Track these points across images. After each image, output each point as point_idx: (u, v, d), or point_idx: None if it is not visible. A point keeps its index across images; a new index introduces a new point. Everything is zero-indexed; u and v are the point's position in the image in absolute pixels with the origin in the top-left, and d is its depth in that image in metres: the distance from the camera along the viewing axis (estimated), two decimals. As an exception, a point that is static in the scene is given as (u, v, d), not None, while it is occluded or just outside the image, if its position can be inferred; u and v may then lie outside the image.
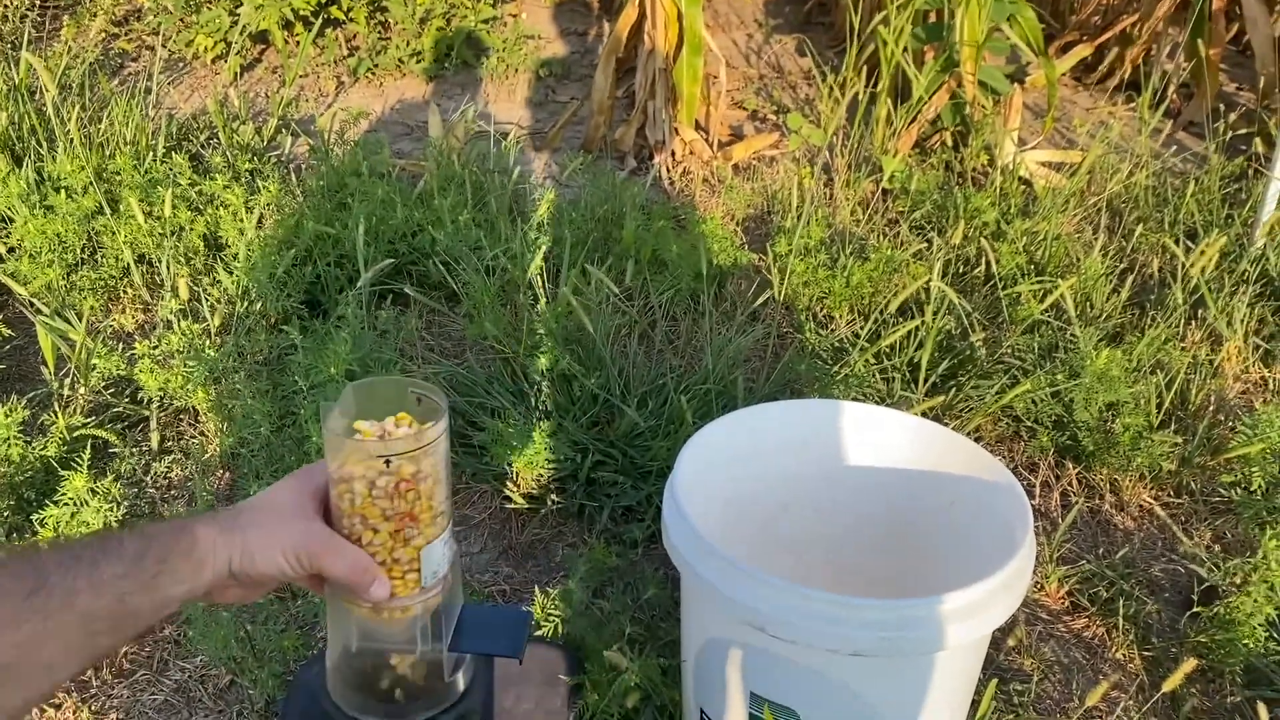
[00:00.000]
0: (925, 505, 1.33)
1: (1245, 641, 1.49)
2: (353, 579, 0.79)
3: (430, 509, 0.82)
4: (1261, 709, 1.26)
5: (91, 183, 2.43)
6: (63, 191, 2.44)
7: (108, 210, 2.39)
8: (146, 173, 2.57)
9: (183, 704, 1.51)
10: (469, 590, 1.66)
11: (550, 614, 1.52)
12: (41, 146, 2.65)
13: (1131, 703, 1.52)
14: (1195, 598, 1.64)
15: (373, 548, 0.81)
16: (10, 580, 0.62)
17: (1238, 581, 1.55)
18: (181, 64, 3.83)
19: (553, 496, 1.82)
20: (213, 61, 3.82)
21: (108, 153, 2.66)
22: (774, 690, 1.14)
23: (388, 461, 0.78)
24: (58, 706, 1.48)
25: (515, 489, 1.83)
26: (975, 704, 1.33)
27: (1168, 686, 1.25)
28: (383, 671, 0.89)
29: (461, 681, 0.92)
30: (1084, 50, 3.55)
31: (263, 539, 0.74)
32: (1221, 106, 3.13)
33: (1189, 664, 1.25)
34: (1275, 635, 1.53)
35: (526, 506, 1.83)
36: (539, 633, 1.51)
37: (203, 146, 2.91)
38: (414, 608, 0.85)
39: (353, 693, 0.89)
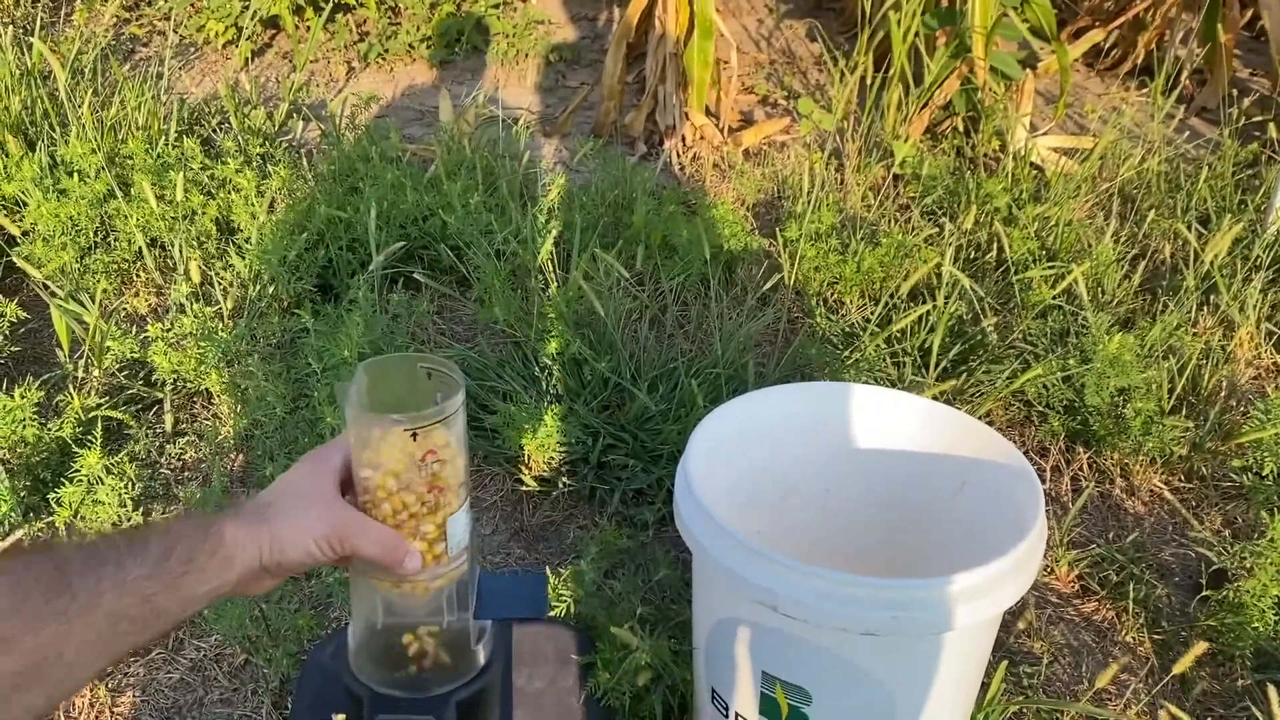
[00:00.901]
0: (936, 488, 1.33)
1: (1254, 625, 1.49)
2: (386, 558, 0.79)
3: (455, 479, 0.84)
4: (1271, 692, 1.27)
5: (103, 167, 2.44)
6: (75, 175, 2.45)
7: (119, 194, 2.40)
8: (159, 157, 2.58)
9: (198, 682, 1.52)
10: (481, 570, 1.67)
11: (562, 595, 1.53)
12: (55, 131, 2.66)
13: (1141, 685, 1.53)
14: (1204, 581, 1.65)
15: (401, 522, 0.82)
16: (33, 582, 0.61)
17: (1247, 565, 1.55)
18: (193, 49, 3.84)
19: (564, 479, 1.83)
20: (224, 47, 3.82)
21: (120, 137, 2.67)
22: (786, 669, 1.14)
23: (415, 435, 0.79)
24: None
25: (527, 472, 1.84)
26: (985, 685, 1.34)
27: (1178, 669, 1.26)
28: (409, 645, 0.90)
29: (483, 654, 0.93)
30: (1097, 35, 3.53)
31: (292, 529, 0.74)
32: (1235, 92, 3.12)
33: (1199, 647, 1.26)
34: (1285, 619, 1.54)
35: (538, 489, 1.84)
36: (551, 613, 1.52)
37: (214, 131, 2.92)
38: (441, 579, 0.87)
39: (378, 668, 0.90)
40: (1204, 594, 1.62)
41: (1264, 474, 1.76)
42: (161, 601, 0.67)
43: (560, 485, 1.83)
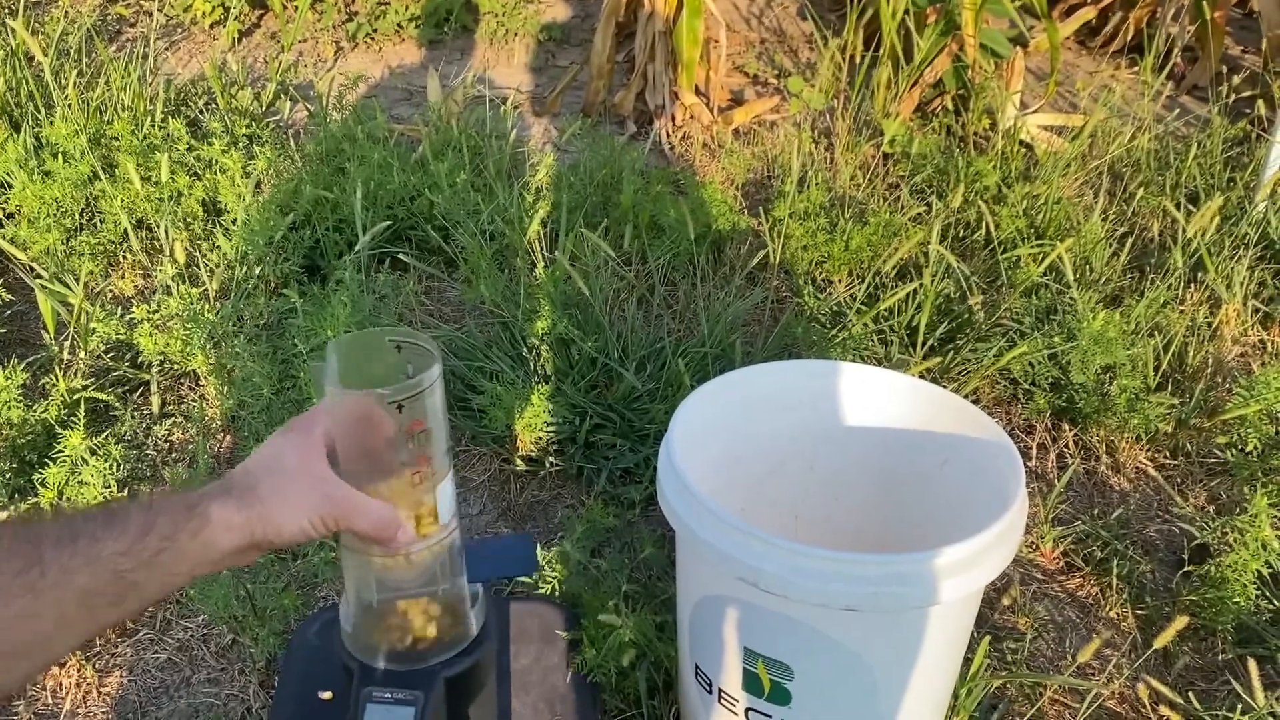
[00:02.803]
0: (919, 463, 1.33)
1: (1236, 599, 1.50)
2: (380, 534, 0.79)
3: (440, 448, 0.84)
4: (1252, 665, 1.28)
5: (88, 148, 2.43)
6: (60, 157, 2.43)
7: (104, 176, 2.39)
8: (144, 138, 2.56)
9: (185, 662, 1.52)
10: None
11: (548, 573, 1.53)
12: (40, 112, 2.65)
13: (1124, 660, 1.54)
14: (1186, 556, 1.66)
15: (391, 494, 0.82)
16: (3, 555, 0.61)
17: (1229, 540, 1.56)
18: (179, 29, 3.81)
19: (551, 459, 1.83)
20: (211, 27, 3.80)
21: (105, 118, 2.65)
22: (768, 645, 1.15)
23: (400, 407, 0.79)
24: (61, 665, 1.50)
25: (514, 452, 1.84)
26: (968, 661, 1.35)
27: (1159, 643, 1.27)
28: (403, 615, 0.90)
29: (475, 623, 0.93)
30: (1088, 13, 3.51)
31: (284, 508, 0.73)
32: (1225, 69, 3.11)
33: (1180, 621, 1.27)
34: (1266, 593, 1.55)
35: (525, 469, 1.84)
36: (537, 591, 1.52)
37: (201, 112, 2.90)
38: (434, 548, 0.87)
39: (373, 641, 0.90)
40: (1186, 569, 1.63)
41: (1248, 450, 1.77)
42: (138, 578, 0.66)
43: (548, 465, 1.83)
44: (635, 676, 1.37)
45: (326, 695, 1.25)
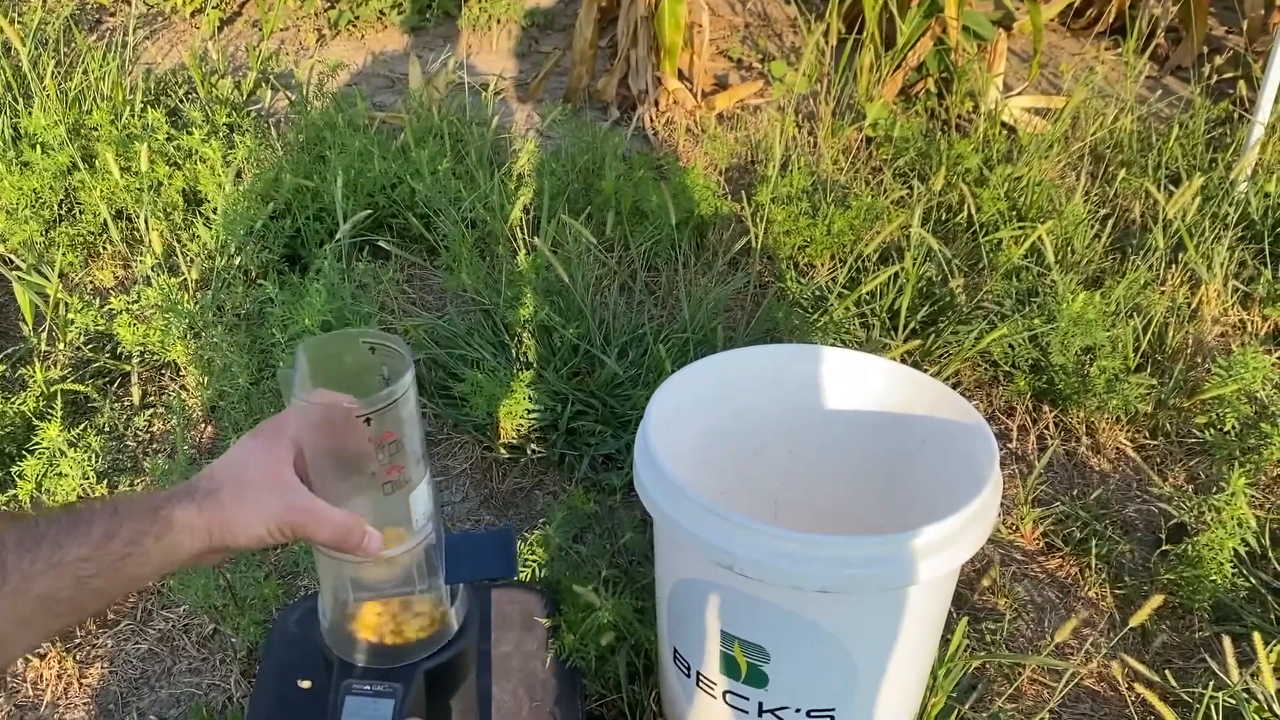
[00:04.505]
0: (897, 446, 1.34)
1: (1212, 578, 1.51)
2: (343, 543, 0.78)
3: (413, 456, 0.82)
4: (1227, 643, 1.29)
5: (66, 139, 2.41)
6: (39, 148, 2.42)
7: (83, 166, 2.37)
8: (123, 128, 2.55)
9: (166, 653, 1.52)
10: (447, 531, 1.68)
11: (529, 559, 1.54)
12: (18, 103, 2.63)
13: (1102, 639, 1.55)
14: (1164, 536, 1.67)
15: (361, 503, 0.80)
16: None
17: (1207, 519, 1.57)
18: (159, 18, 3.78)
19: (533, 446, 1.84)
20: (191, 15, 3.77)
21: (84, 108, 2.64)
22: (744, 628, 1.15)
23: (368, 420, 0.77)
24: (42, 656, 1.50)
25: (496, 439, 1.84)
26: (947, 641, 1.36)
27: (1134, 621, 1.28)
28: (379, 616, 0.90)
29: (457, 618, 0.93)
30: (1072, -6, 3.51)
31: (244, 514, 0.72)
32: (1207, 50, 3.11)
33: (1155, 600, 1.27)
34: (1243, 571, 1.56)
35: (507, 456, 1.84)
36: (520, 573, 1.52)
37: (181, 101, 2.88)
38: (408, 555, 0.86)
39: (349, 639, 0.90)
40: (1164, 548, 1.64)
41: (1226, 429, 1.77)
42: (100, 583, 0.66)
43: (529, 452, 1.83)
44: (615, 661, 1.38)
45: (306, 684, 1.25)
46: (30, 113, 2.52)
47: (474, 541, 0.95)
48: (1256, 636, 1.27)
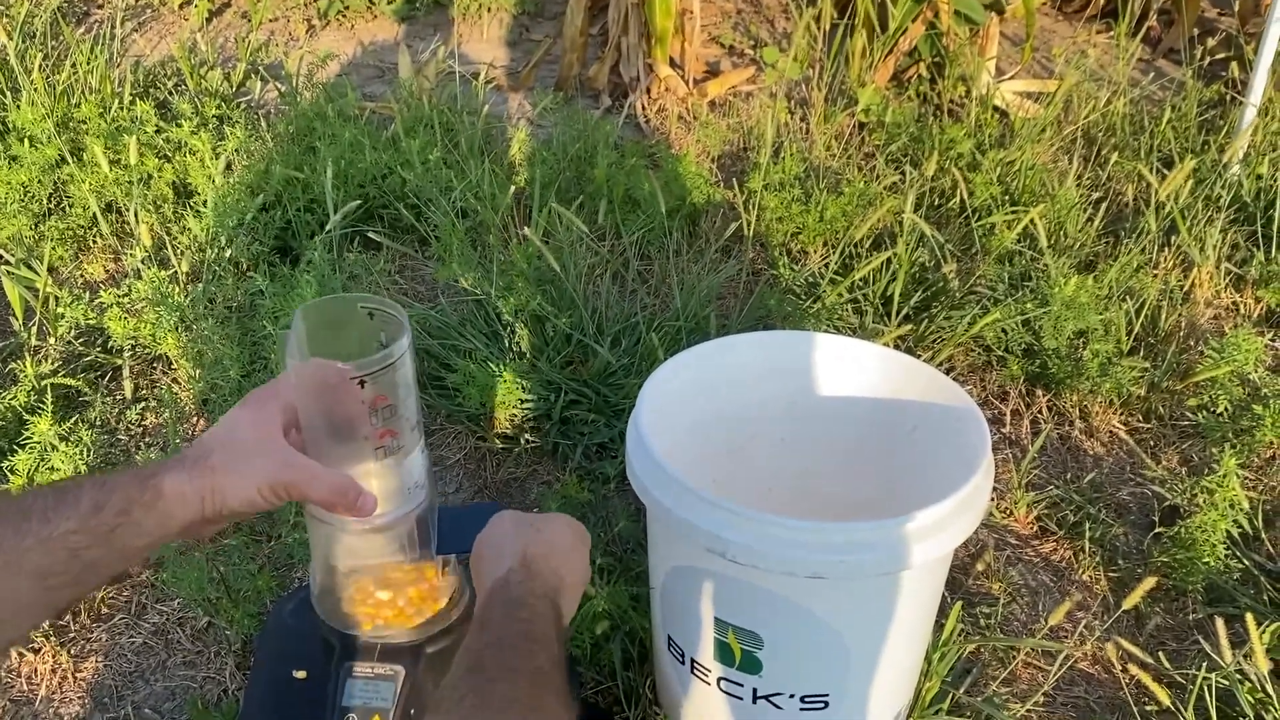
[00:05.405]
0: (889, 431, 1.34)
1: (1205, 560, 1.51)
2: (337, 502, 0.77)
3: (408, 422, 0.82)
4: (1219, 624, 1.29)
5: (54, 132, 2.40)
6: (27, 141, 2.40)
7: (71, 160, 2.36)
8: (112, 121, 2.53)
9: (161, 646, 1.52)
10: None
11: (523, 549, 1.53)
12: (5, 96, 2.61)
13: (1096, 621, 1.55)
14: (1157, 519, 1.67)
15: (355, 467, 0.80)
16: None
17: (1199, 501, 1.57)
18: (148, 10, 3.76)
19: (527, 436, 1.83)
20: (180, 7, 3.75)
21: (73, 101, 2.62)
22: (738, 615, 1.15)
23: (362, 383, 0.77)
24: (36, 651, 1.49)
25: (490, 429, 1.84)
26: (941, 626, 1.36)
27: (1127, 604, 1.28)
28: (372, 584, 0.89)
29: (458, 605, 0.92)
30: (1064, -23, 3.50)
31: (235, 479, 0.72)
32: (1199, 32, 3.10)
33: (1148, 582, 1.27)
34: (1236, 553, 1.56)
35: (501, 446, 1.84)
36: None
37: (170, 93, 2.87)
38: (399, 523, 0.85)
39: (341, 610, 0.89)
40: (1157, 531, 1.64)
41: (1218, 411, 1.78)
42: (94, 555, 0.65)
43: (523, 442, 1.83)
44: (610, 649, 1.38)
45: (300, 674, 1.25)
46: (18, 106, 2.50)
47: (463, 515, 0.95)
48: (1249, 618, 1.27)
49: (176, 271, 2.10)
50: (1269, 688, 1.31)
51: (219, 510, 0.72)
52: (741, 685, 1.20)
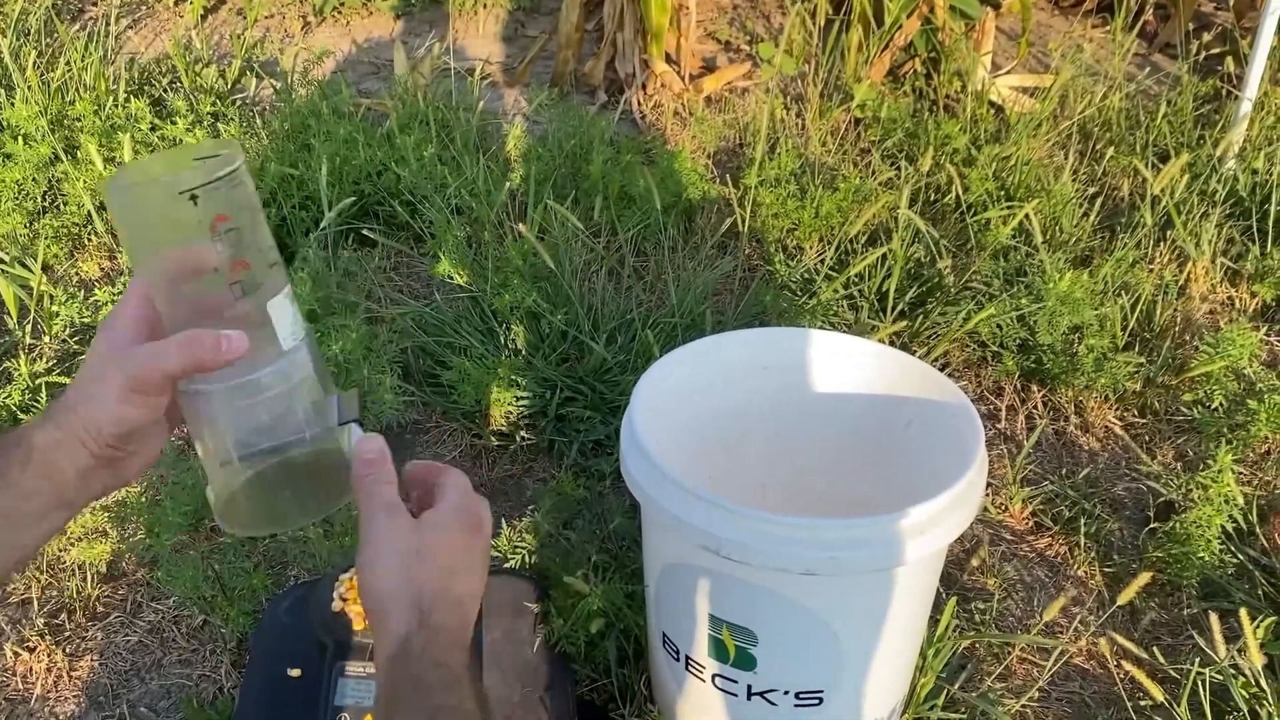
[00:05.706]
0: (883, 427, 1.34)
1: (1200, 555, 1.51)
2: (196, 354, 0.70)
3: (261, 256, 0.75)
4: (1214, 619, 1.29)
5: (49, 130, 2.39)
6: (21, 139, 2.40)
7: (65, 157, 2.36)
8: (107, 118, 2.53)
9: (156, 644, 1.52)
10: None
11: (518, 545, 1.53)
12: (-1, 93, 2.61)
13: (1091, 617, 1.55)
14: (1152, 513, 1.67)
15: (217, 321, 0.72)
16: None
17: (1194, 496, 1.57)
18: (143, 7, 3.75)
19: (522, 433, 1.83)
20: (175, 4, 3.74)
21: (67, 99, 2.62)
22: (731, 612, 1.15)
23: (194, 199, 0.70)
24: (32, 650, 1.49)
25: (485, 427, 1.84)
26: (936, 621, 1.36)
27: (1122, 599, 1.28)
28: (272, 472, 0.82)
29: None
30: (1060, -28, 3.50)
31: (93, 405, 0.68)
32: (1194, 26, 3.10)
33: (1143, 577, 1.28)
34: (1230, 548, 1.56)
35: (496, 444, 1.84)
36: (507, 564, 1.52)
37: (165, 91, 2.86)
38: (283, 380, 0.76)
39: (256, 507, 0.83)
40: (1152, 526, 1.64)
41: (1214, 406, 1.78)
42: None
43: (518, 439, 1.83)
44: (605, 646, 1.38)
45: (295, 672, 1.25)
46: (12, 104, 2.50)
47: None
48: (1243, 613, 1.27)
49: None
50: (1263, 683, 1.31)
51: (101, 441, 0.68)
52: (736, 682, 1.20)
